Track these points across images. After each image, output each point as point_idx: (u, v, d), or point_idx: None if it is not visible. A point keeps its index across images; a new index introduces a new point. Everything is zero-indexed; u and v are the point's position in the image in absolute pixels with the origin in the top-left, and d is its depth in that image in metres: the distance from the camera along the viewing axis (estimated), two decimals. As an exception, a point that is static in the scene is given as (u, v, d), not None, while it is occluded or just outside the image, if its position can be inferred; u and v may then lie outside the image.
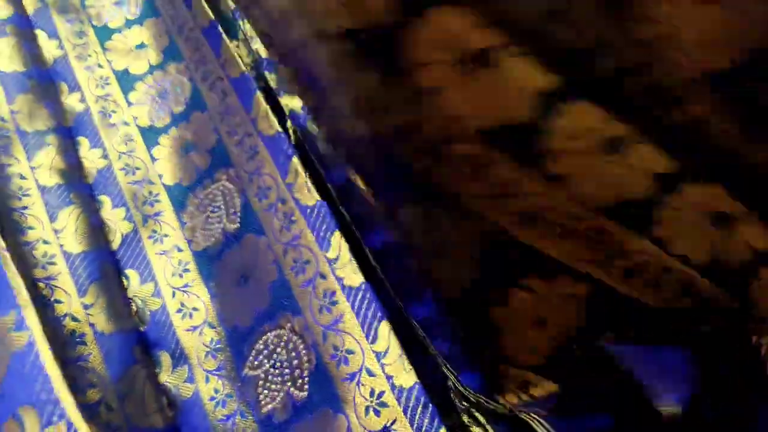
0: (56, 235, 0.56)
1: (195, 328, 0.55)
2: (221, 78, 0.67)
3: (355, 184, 0.59)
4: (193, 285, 0.57)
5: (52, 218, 0.57)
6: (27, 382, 0.43)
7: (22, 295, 0.46)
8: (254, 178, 0.60)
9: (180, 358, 0.54)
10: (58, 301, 0.53)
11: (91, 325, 0.52)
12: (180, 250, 0.59)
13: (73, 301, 0.53)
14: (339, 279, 0.52)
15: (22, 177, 0.59)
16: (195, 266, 0.58)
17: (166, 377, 0.53)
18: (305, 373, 0.50)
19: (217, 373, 0.53)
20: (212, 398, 0.52)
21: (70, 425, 0.42)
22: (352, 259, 0.52)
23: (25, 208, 0.57)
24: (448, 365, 0.48)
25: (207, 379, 0.53)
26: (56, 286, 0.54)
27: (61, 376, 0.44)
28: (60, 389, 0.43)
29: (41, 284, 0.53)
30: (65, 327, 0.51)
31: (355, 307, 0.51)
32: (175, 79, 0.70)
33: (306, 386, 0.50)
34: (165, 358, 0.54)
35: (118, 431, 0.48)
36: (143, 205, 0.61)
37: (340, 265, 0.52)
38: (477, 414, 0.47)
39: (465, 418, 0.47)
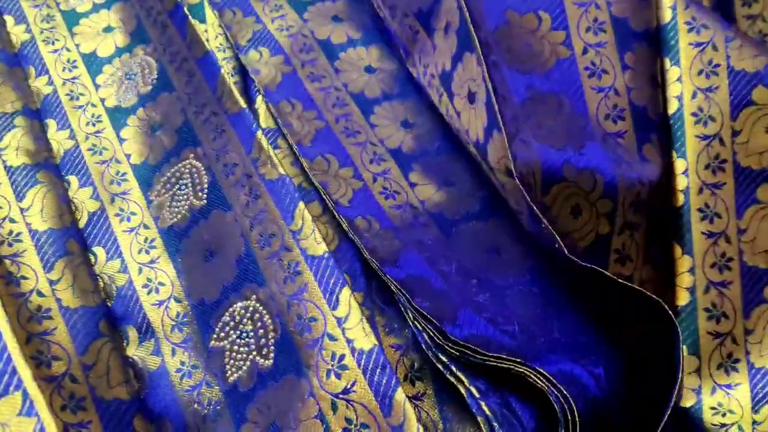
0: (23, 213, 0.57)
1: (161, 302, 0.56)
2: (186, 59, 0.67)
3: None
4: (160, 261, 0.58)
5: (19, 197, 0.58)
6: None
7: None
8: (220, 156, 0.61)
9: (147, 332, 0.55)
10: (24, 278, 0.53)
11: (58, 300, 0.53)
12: (147, 227, 0.59)
13: (40, 277, 0.53)
14: (303, 250, 0.53)
15: (-11, 158, 0.59)
16: (161, 243, 0.59)
17: (132, 351, 0.54)
18: (270, 342, 0.51)
19: (183, 345, 0.54)
20: (179, 370, 0.53)
21: (26, 395, 0.42)
22: (315, 229, 0.53)
23: (-9, 187, 0.58)
24: (431, 319, 0.48)
25: (173, 352, 0.54)
26: (22, 263, 0.54)
27: (18, 348, 0.44)
28: (17, 359, 0.43)
29: (7, 261, 0.53)
30: (31, 302, 0.52)
31: (318, 276, 0.51)
32: (142, 61, 0.70)
33: (271, 355, 0.50)
34: (132, 332, 0.55)
35: (81, 401, 0.48)
36: (110, 184, 0.62)
37: (304, 236, 0.53)
38: (457, 372, 0.47)
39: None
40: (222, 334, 0.53)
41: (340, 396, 0.47)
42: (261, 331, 0.51)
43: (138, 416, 0.50)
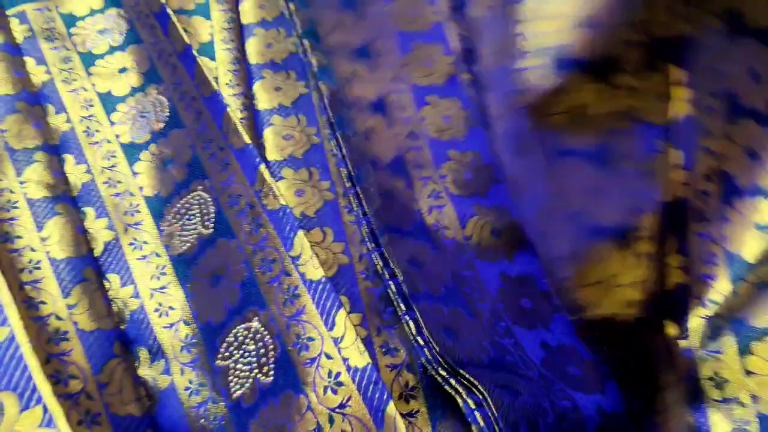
0: (42, 242, 0.61)
1: (171, 325, 0.60)
2: (195, 98, 0.72)
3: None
4: (170, 287, 0.62)
5: (39, 227, 0.62)
6: (7, 371, 0.48)
7: (4, 294, 0.50)
8: (226, 188, 0.65)
9: (157, 352, 0.59)
10: (42, 303, 0.57)
11: (74, 323, 0.57)
12: (158, 255, 0.64)
13: (58, 302, 0.57)
14: (302, 275, 0.57)
15: (11, 191, 0.64)
16: (172, 269, 0.62)
17: (144, 370, 0.58)
18: (271, 361, 0.55)
19: (191, 365, 0.58)
20: (187, 388, 0.57)
21: (45, 409, 0.46)
22: (313, 256, 0.57)
23: (13, 219, 0.62)
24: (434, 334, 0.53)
25: (182, 371, 0.57)
26: (41, 289, 0.58)
27: (39, 366, 0.48)
28: (37, 377, 0.47)
29: (28, 287, 0.57)
30: (49, 325, 0.56)
31: (315, 299, 0.55)
32: (155, 100, 0.75)
33: (271, 372, 0.54)
34: (143, 353, 0.58)
35: (96, 417, 0.52)
36: (124, 215, 0.66)
37: (302, 261, 0.57)
38: (456, 385, 0.51)
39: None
40: (227, 354, 0.57)
41: (336, 410, 0.50)
42: (262, 350, 0.55)
43: (149, 431, 0.54)
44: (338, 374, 0.52)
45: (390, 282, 0.58)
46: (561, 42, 0.60)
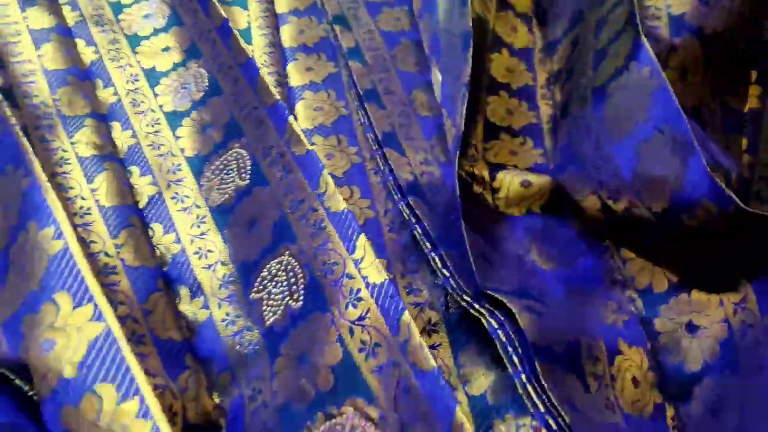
0: (92, 193, 0.66)
1: (210, 266, 0.64)
2: (231, 66, 0.77)
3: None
4: (209, 233, 0.66)
5: (89, 181, 0.67)
6: (62, 276, 0.52)
7: (60, 213, 0.56)
8: (260, 142, 0.70)
9: (197, 291, 0.63)
10: (93, 242, 0.62)
11: (121, 259, 0.62)
12: (198, 206, 0.68)
13: (107, 242, 0.62)
14: (326, 209, 0.61)
15: (64, 150, 0.69)
16: (211, 218, 0.67)
17: (184, 306, 0.62)
18: (300, 288, 0.59)
19: (227, 299, 0.62)
20: (224, 320, 0.61)
21: (96, 306, 0.50)
22: (336, 189, 0.62)
23: (65, 173, 0.67)
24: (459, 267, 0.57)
25: (219, 305, 0.62)
26: (91, 230, 0.63)
27: (89, 270, 0.53)
28: (88, 277, 0.52)
29: (79, 229, 0.63)
30: (99, 260, 0.61)
31: (338, 228, 0.60)
32: (195, 72, 0.81)
33: (301, 297, 0.58)
34: (184, 291, 0.63)
35: (141, 338, 0.57)
36: (167, 173, 0.71)
37: (327, 196, 0.62)
38: (480, 308, 0.55)
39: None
40: (260, 287, 0.61)
41: (356, 322, 0.54)
42: (293, 279, 0.59)
43: (188, 354, 0.59)
44: (358, 290, 0.55)
45: (416, 225, 0.62)
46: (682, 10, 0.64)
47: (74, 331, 0.50)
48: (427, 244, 0.60)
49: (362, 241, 0.58)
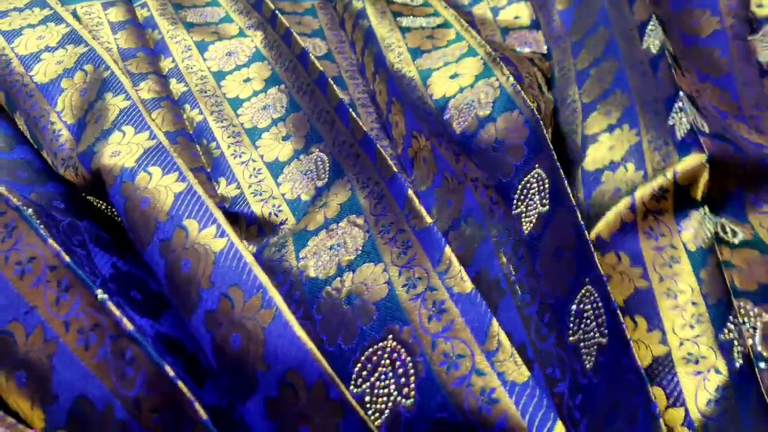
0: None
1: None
2: (352, 144, 0.71)
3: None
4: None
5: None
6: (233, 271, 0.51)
7: (218, 213, 0.56)
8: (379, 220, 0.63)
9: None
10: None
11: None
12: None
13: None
14: (448, 288, 0.52)
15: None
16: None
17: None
18: (411, 384, 0.49)
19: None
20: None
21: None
22: (462, 270, 0.52)
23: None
24: None
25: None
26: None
27: (254, 261, 0.52)
28: (254, 267, 0.51)
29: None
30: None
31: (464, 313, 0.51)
32: (317, 157, 0.75)
33: (412, 394, 0.49)
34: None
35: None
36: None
37: (450, 275, 0.53)
38: None
39: None
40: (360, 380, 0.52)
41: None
42: (400, 371, 0.51)
43: None
44: (492, 391, 0.45)
45: None
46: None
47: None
48: None
49: (495, 328, 0.48)
